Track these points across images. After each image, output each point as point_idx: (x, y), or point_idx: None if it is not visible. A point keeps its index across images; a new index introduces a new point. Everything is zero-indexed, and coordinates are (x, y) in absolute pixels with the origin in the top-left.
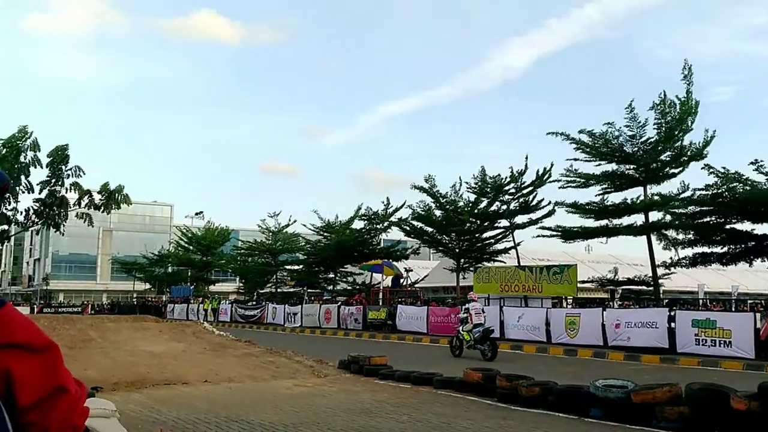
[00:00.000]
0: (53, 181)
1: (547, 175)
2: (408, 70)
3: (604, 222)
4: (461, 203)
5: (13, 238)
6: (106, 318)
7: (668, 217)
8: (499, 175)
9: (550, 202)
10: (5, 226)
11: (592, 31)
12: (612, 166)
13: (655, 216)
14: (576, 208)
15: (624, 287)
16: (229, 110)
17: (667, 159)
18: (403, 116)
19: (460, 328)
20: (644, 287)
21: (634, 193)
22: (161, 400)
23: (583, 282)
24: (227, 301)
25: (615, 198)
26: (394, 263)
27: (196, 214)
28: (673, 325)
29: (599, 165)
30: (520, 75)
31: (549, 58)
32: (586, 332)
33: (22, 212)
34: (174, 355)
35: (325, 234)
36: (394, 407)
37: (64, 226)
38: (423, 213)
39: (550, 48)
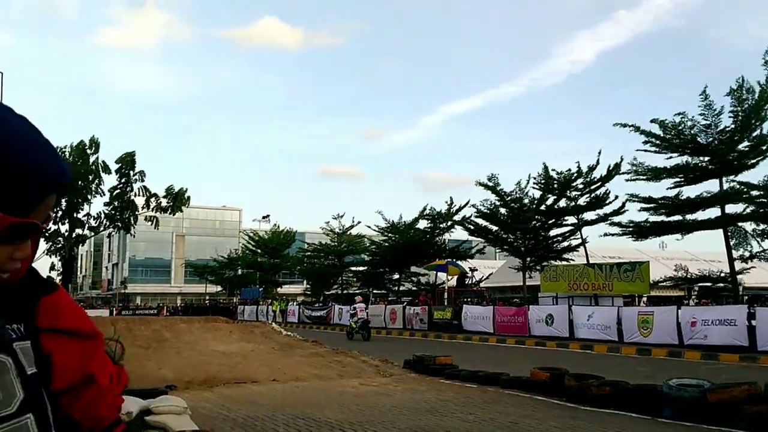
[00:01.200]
0: (122, 185)
1: (616, 170)
2: (471, 69)
3: (678, 217)
4: (526, 200)
5: (92, 244)
6: (180, 319)
7: (746, 209)
8: (569, 170)
9: (617, 197)
10: (80, 230)
11: (662, 21)
12: (685, 158)
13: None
14: (649, 202)
15: (700, 284)
16: (292, 114)
17: (745, 149)
18: (466, 115)
19: (351, 320)
20: (722, 284)
21: (708, 186)
22: (231, 398)
23: (656, 282)
24: (295, 303)
25: (689, 191)
26: (459, 263)
27: (263, 217)
28: (753, 322)
29: (670, 158)
30: (586, 69)
31: (616, 51)
32: (661, 331)
33: (94, 216)
34: (244, 354)
35: (390, 235)
36: (460, 406)
37: (134, 228)
38: (487, 211)
39: (618, 40)
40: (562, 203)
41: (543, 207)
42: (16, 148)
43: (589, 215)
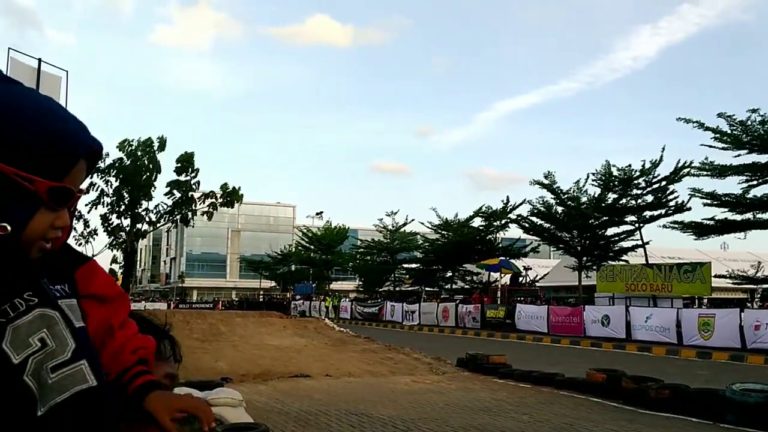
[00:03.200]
0: (182, 182)
1: (684, 169)
2: (528, 65)
3: (743, 216)
4: (584, 198)
5: (151, 238)
6: (235, 313)
7: None
8: (629, 165)
9: (678, 195)
10: (139, 225)
11: (727, 15)
12: (753, 157)
13: None
14: (713, 198)
15: (765, 286)
16: (344, 111)
17: None
18: (522, 112)
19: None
20: None
21: None
22: (285, 391)
23: (719, 276)
24: (347, 299)
25: (758, 191)
26: (513, 262)
27: (317, 214)
28: None
29: (738, 156)
30: (648, 65)
31: (680, 46)
32: (722, 334)
33: (154, 211)
34: (297, 349)
35: (443, 232)
36: (514, 406)
37: (193, 221)
38: (543, 209)
39: (681, 35)
40: (623, 201)
41: (603, 205)
42: (44, 116)
43: (650, 214)
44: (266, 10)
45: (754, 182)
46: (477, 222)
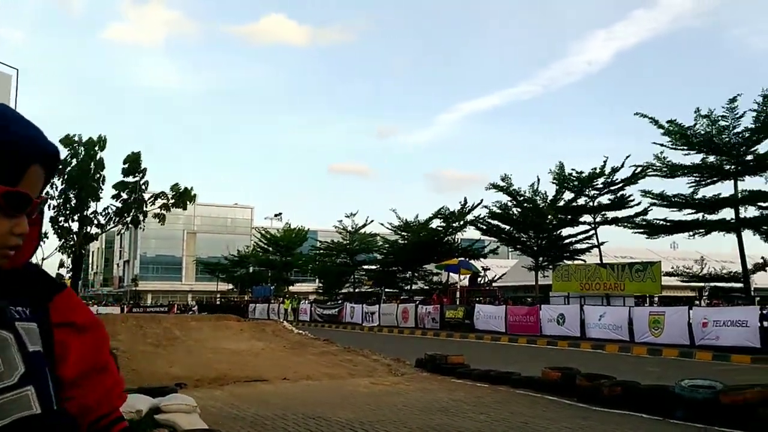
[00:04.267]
0: (130, 183)
1: (642, 174)
2: (487, 67)
3: (692, 216)
4: (539, 199)
5: (103, 241)
6: (191, 317)
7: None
8: (594, 169)
9: (633, 198)
10: (89, 228)
11: (680, 21)
12: (701, 157)
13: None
14: (662, 199)
15: (712, 284)
16: (302, 112)
17: (766, 151)
18: (482, 114)
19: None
20: (735, 284)
21: (726, 187)
22: (241, 396)
23: (669, 274)
24: (307, 301)
25: (707, 192)
26: (471, 262)
27: (275, 215)
28: (765, 323)
29: (688, 155)
30: (603, 69)
31: (634, 51)
32: (672, 331)
33: (102, 213)
34: (254, 353)
35: (403, 233)
36: (472, 406)
37: (144, 224)
38: (500, 211)
39: (635, 40)
40: (581, 201)
41: (560, 203)
42: None
43: (607, 216)
44: (220, 8)
45: (703, 182)
46: (436, 223)
